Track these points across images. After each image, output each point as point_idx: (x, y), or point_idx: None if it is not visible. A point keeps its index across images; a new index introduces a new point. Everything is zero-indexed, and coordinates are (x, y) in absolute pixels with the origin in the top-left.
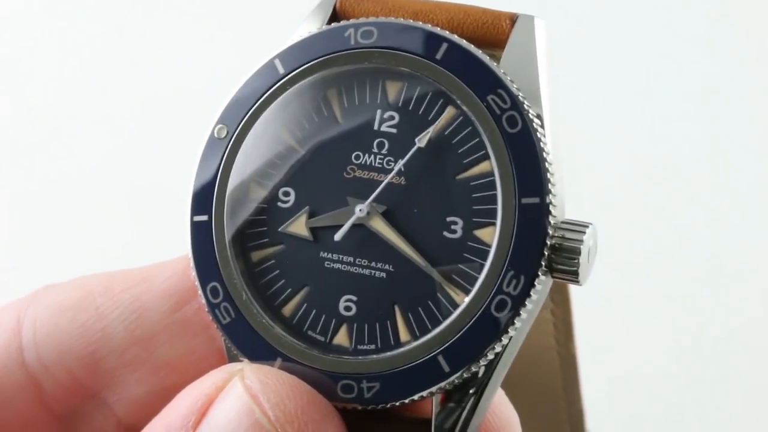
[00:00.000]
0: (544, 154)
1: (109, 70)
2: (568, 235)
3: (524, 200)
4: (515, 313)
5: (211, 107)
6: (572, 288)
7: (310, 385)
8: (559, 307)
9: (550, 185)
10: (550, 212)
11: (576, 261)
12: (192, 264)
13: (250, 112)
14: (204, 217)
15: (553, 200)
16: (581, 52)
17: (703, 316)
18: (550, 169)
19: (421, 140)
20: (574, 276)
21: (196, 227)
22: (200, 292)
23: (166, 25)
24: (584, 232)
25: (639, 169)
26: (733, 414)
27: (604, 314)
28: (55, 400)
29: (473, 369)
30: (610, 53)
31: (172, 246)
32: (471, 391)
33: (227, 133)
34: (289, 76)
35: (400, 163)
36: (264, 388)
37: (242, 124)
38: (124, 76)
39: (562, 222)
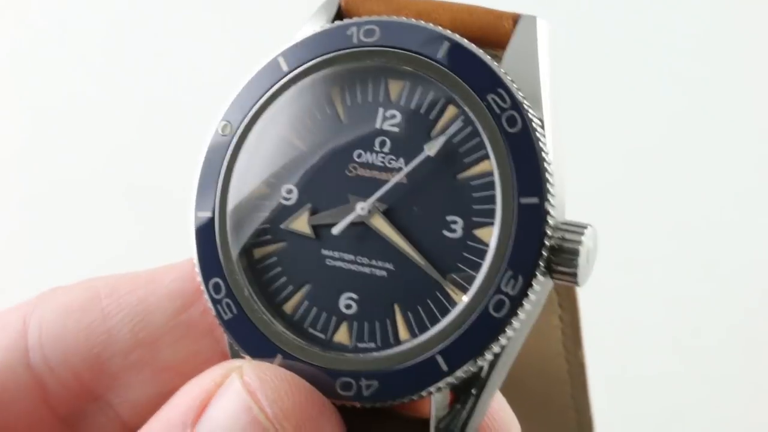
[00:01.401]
0: (543, 154)
1: (109, 69)
2: (567, 236)
3: (523, 200)
4: (513, 313)
5: (211, 107)
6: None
7: (309, 382)
8: (567, 313)
9: (548, 185)
10: (548, 212)
11: (575, 262)
12: (195, 260)
13: (254, 110)
14: (207, 213)
15: (551, 200)
16: (582, 53)
17: (703, 316)
18: (549, 169)
19: (431, 148)
20: (572, 277)
21: (199, 223)
22: (203, 287)
23: (165, 26)
24: (583, 233)
25: (639, 169)
26: (733, 414)
27: (603, 313)
28: (60, 401)
29: (471, 368)
30: (609, 53)
31: (172, 245)
32: (472, 392)
33: (231, 129)
34: (293, 74)
35: (406, 169)
36: (262, 385)
37: (246, 121)
38: (124, 76)
39: (562, 223)
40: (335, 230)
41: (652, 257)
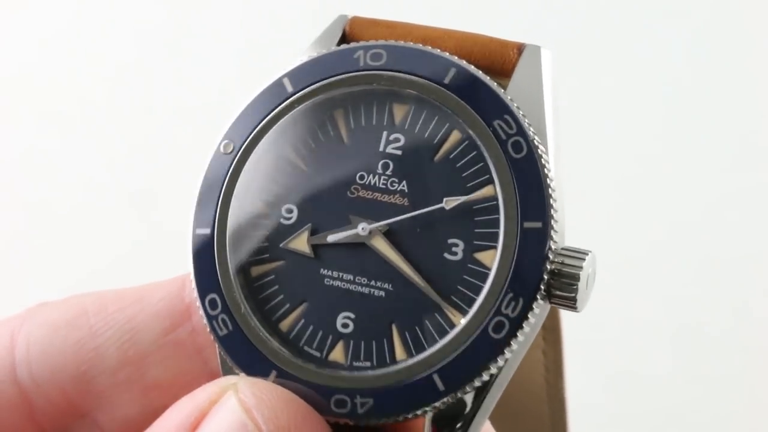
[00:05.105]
0: (548, 180)
1: (116, 74)
2: (567, 261)
3: (526, 224)
4: (512, 334)
5: (211, 112)
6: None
7: (303, 398)
8: (551, 347)
9: (552, 210)
10: (551, 237)
11: (575, 287)
12: (192, 276)
13: (257, 129)
14: (206, 230)
15: (554, 225)
16: (581, 80)
17: (703, 316)
18: (553, 195)
19: (449, 203)
20: (572, 302)
21: (198, 239)
22: (198, 303)
23: (172, 33)
24: (584, 259)
25: (637, 168)
26: (732, 414)
27: (602, 313)
28: (46, 417)
29: (468, 389)
30: (604, 79)
31: (174, 251)
32: (461, 419)
33: (233, 148)
34: (297, 95)
35: (417, 212)
36: (258, 403)
37: (248, 140)
38: (130, 80)
39: (563, 248)
40: (331, 238)
41: (651, 256)
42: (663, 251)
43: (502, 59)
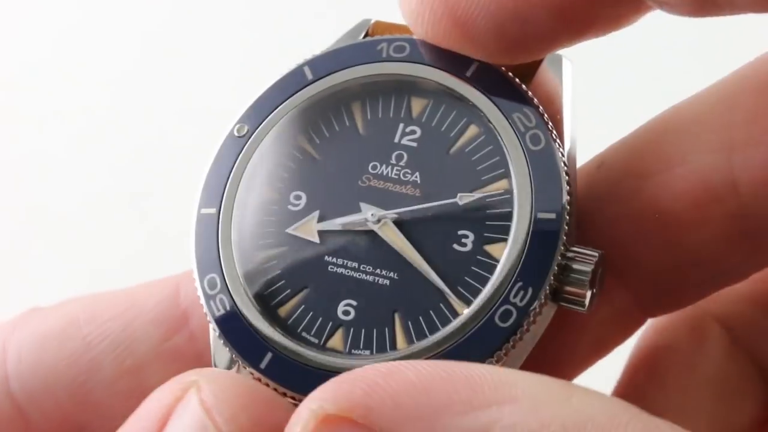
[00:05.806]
0: (564, 173)
1: (118, 76)
2: (578, 258)
3: (540, 215)
4: (519, 324)
5: (212, 115)
6: None
7: (298, 380)
8: None
9: (567, 204)
10: (564, 230)
11: (585, 283)
12: (193, 254)
13: (272, 114)
14: (211, 210)
15: (568, 219)
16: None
17: None
18: (568, 189)
19: (462, 198)
20: (581, 298)
21: (202, 218)
22: (197, 282)
23: (175, 34)
24: (595, 257)
25: None
26: None
27: None
28: (42, 431)
29: None
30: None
31: (174, 255)
32: None
33: (247, 131)
34: (317, 82)
35: (430, 204)
36: (218, 403)
37: (263, 124)
38: (131, 83)
39: (573, 247)
40: (338, 222)
41: None
42: None
43: (523, 64)
